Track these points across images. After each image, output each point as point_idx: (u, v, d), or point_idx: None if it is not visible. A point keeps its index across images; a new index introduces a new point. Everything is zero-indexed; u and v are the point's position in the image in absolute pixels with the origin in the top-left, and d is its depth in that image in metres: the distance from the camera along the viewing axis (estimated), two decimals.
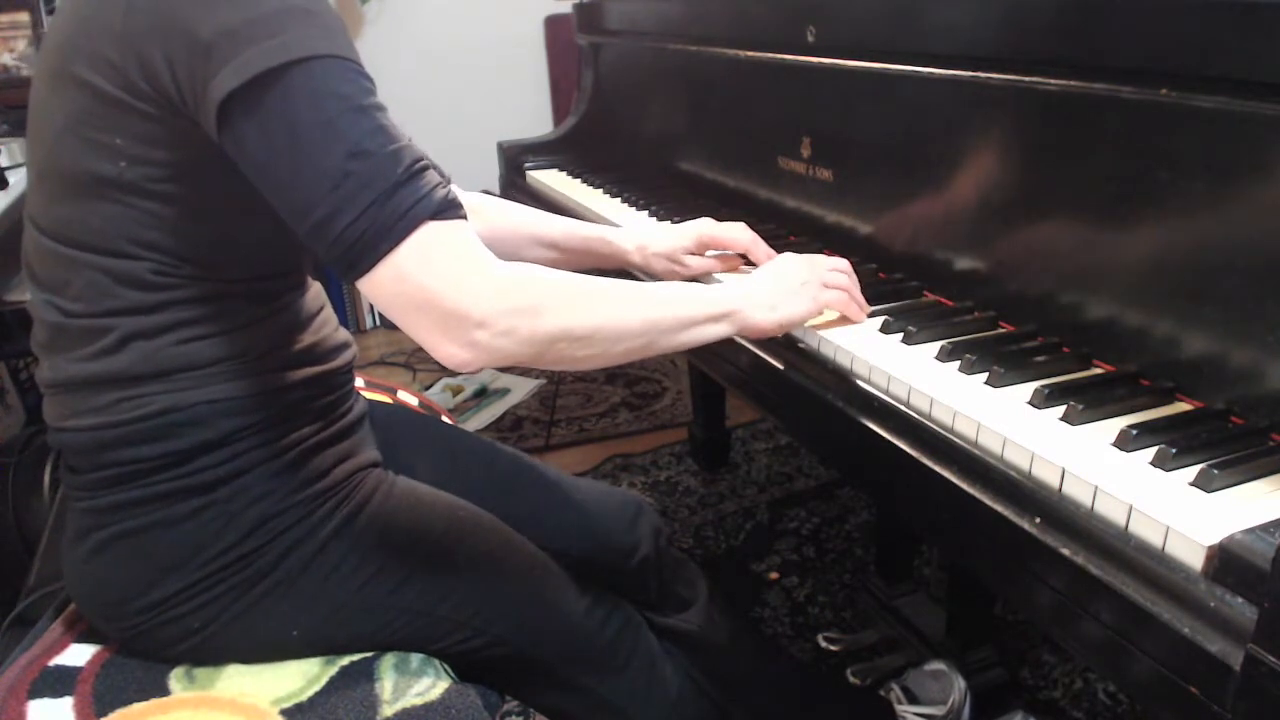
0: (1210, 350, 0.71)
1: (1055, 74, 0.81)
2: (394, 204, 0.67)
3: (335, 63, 0.67)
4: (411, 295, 0.68)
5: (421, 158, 0.70)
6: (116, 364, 0.75)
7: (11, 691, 0.79)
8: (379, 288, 0.68)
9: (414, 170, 0.69)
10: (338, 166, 0.66)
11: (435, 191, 0.69)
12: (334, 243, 0.67)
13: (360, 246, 0.67)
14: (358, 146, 0.66)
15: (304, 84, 0.65)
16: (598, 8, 1.69)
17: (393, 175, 0.67)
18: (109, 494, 0.77)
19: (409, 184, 0.68)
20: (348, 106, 0.67)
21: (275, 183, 0.68)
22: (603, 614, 0.95)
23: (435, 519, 0.88)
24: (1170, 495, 0.61)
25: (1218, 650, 0.52)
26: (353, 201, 0.66)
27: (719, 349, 1.06)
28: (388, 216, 0.67)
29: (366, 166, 0.66)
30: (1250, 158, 0.67)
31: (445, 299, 0.68)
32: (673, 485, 2.01)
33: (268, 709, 0.77)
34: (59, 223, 0.74)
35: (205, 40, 0.64)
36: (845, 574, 1.67)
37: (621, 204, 1.45)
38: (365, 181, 0.66)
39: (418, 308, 0.69)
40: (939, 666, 1.25)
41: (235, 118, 0.65)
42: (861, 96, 1.07)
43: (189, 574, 0.78)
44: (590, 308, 0.76)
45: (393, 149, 0.68)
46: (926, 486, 0.75)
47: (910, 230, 1.02)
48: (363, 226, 0.66)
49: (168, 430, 0.76)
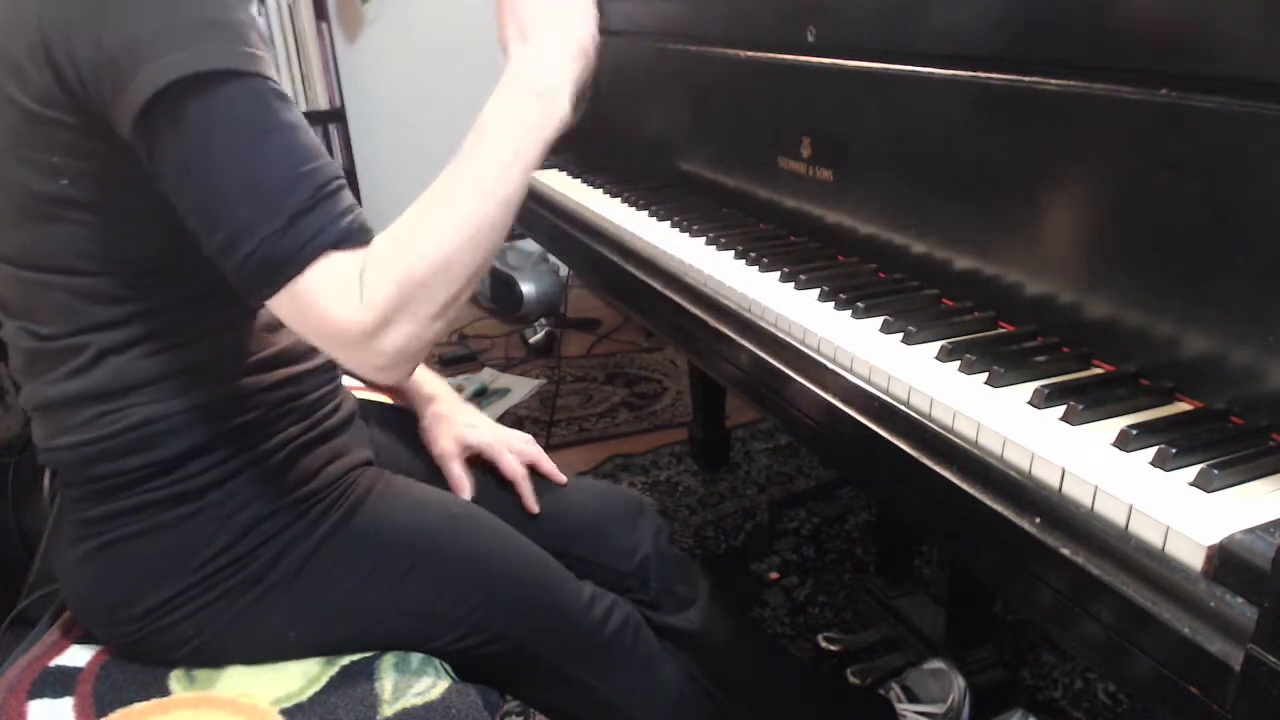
0: (1210, 350, 0.71)
1: (1055, 74, 0.81)
2: (297, 232, 0.65)
3: (249, 79, 0.65)
4: (314, 324, 0.67)
5: (333, 179, 0.68)
6: (93, 381, 0.75)
7: (12, 692, 0.79)
8: (281, 312, 0.68)
9: (322, 195, 0.66)
10: (243, 189, 0.64)
11: (341, 219, 0.67)
12: (236, 266, 0.66)
13: (261, 273, 0.65)
14: (266, 169, 0.65)
15: (215, 101, 0.63)
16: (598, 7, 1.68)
17: (297, 201, 0.65)
18: (99, 506, 0.77)
19: (315, 210, 0.66)
20: (259, 127, 0.65)
21: (183, 200, 0.66)
22: (602, 611, 0.94)
23: (431, 517, 0.88)
24: (1170, 495, 0.61)
25: (1218, 650, 0.52)
26: (255, 227, 0.64)
27: (719, 349, 1.06)
28: (289, 244, 0.65)
29: (273, 191, 0.65)
30: (1250, 158, 0.67)
31: (340, 324, 0.66)
32: (673, 485, 2.01)
33: (268, 709, 0.77)
34: (17, 248, 0.74)
35: (116, 50, 0.63)
36: (845, 574, 1.67)
37: (621, 204, 1.45)
38: (270, 207, 0.64)
39: (323, 335, 0.68)
40: (938, 665, 1.25)
41: (146, 131, 0.64)
42: (861, 96, 1.07)
43: (182, 579, 0.78)
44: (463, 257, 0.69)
45: (303, 171, 0.66)
46: (926, 486, 0.75)
47: (910, 230, 1.02)
48: (265, 253, 0.65)
49: (150, 441, 0.76)
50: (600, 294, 1.58)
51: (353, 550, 0.82)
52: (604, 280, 1.40)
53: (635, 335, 2.87)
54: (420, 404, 1.06)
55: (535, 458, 1.05)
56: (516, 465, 1.03)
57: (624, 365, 2.70)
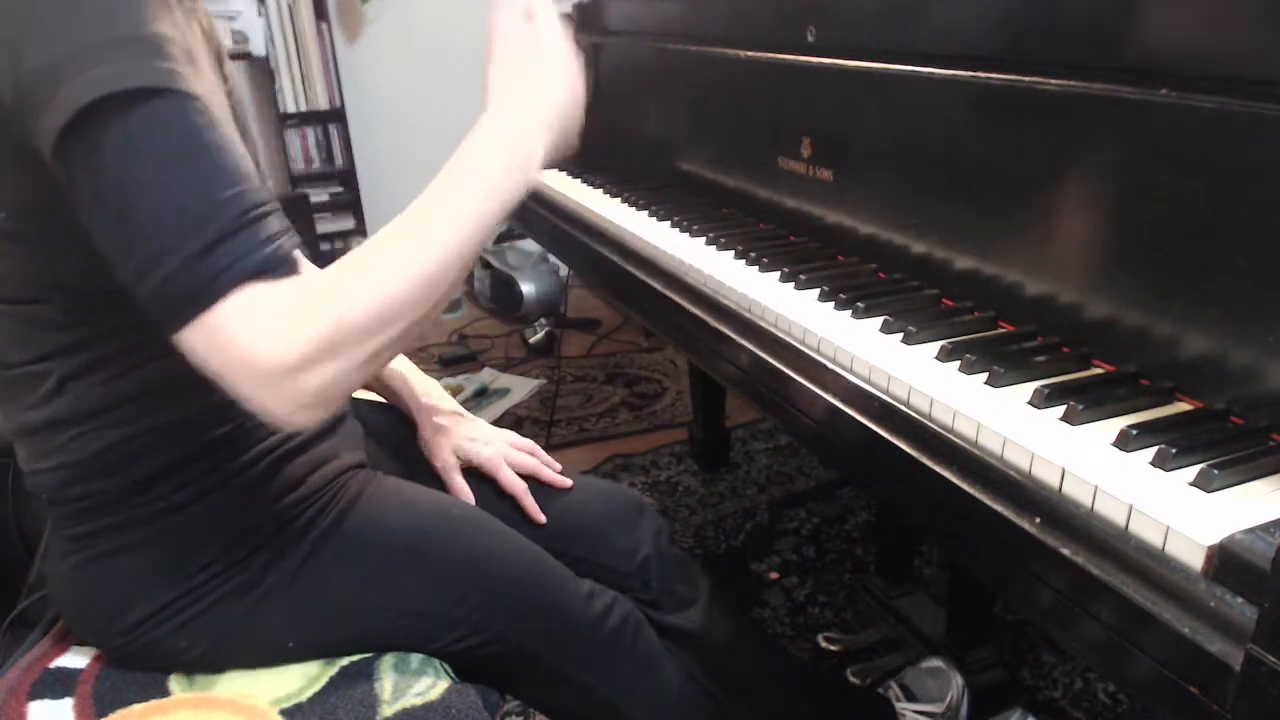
0: (1210, 350, 0.71)
1: (1055, 74, 0.81)
2: (214, 259, 0.61)
3: (171, 97, 0.62)
4: (229, 359, 0.62)
5: (257, 205, 0.64)
6: (60, 407, 0.74)
7: (12, 693, 0.79)
8: (191, 345, 0.63)
9: (245, 221, 0.63)
10: (158, 213, 0.61)
11: (263, 247, 0.63)
12: (149, 296, 0.62)
13: (173, 303, 0.62)
14: (184, 192, 0.62)
15: (133, 120, 0.60)
16: (598, 8, 1.69)
17: (216, 227, 0.61)
18: (83, 524, 0.77)
19: (236, 237, 0.62)
20: (179, 147, 0.62)
21: (97, 225, 0.63)
22: (602, 609, 0.94)
23: (428, 518, 0.88)
24: (1170, 495, 0.61)
25: (1218, 650, 0.52)
26: (169, 254, 0.61)
27: (719, 349, 1.06)
28: (204, 273, 0.61)
29: (190, 216, 0.61)
30: (1250, 158, 0.67)
31: (260, 358, 0.61)
32: (673, 485, 2.01)
33: (267, 709, 0.77)
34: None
35: (35, 71, 0.60)
36: (845, 574, 1.67)
37: (621, 204, 1.45)
38: (186, 232, 0.61)
39: (240, 371, 0.62)
40: (936, 664, 1.25)
41: (64, 153, 0.61)
42: (861, 96, 1.07)
43: (169, 591, 0.78)
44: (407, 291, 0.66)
45: (225, 196, 0.62)
46: (926, 486, 0.75)
47: (910, 230, 1.02)
48: (177, 281, 0.61)
49: (124, 462, 0.76)
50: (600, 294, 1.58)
51: (347, 555, 0.82)
52: (604, 280, 1.40)
53: (635, 335, 2.88)
54: (419, 413, 1.06)
55: (535, 469, 1.04)
56: (515, 481, 1.02)
57: (624, 365, 2.70)
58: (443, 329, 3.07)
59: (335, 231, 2.99)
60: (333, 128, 2.94)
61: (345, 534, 0.83)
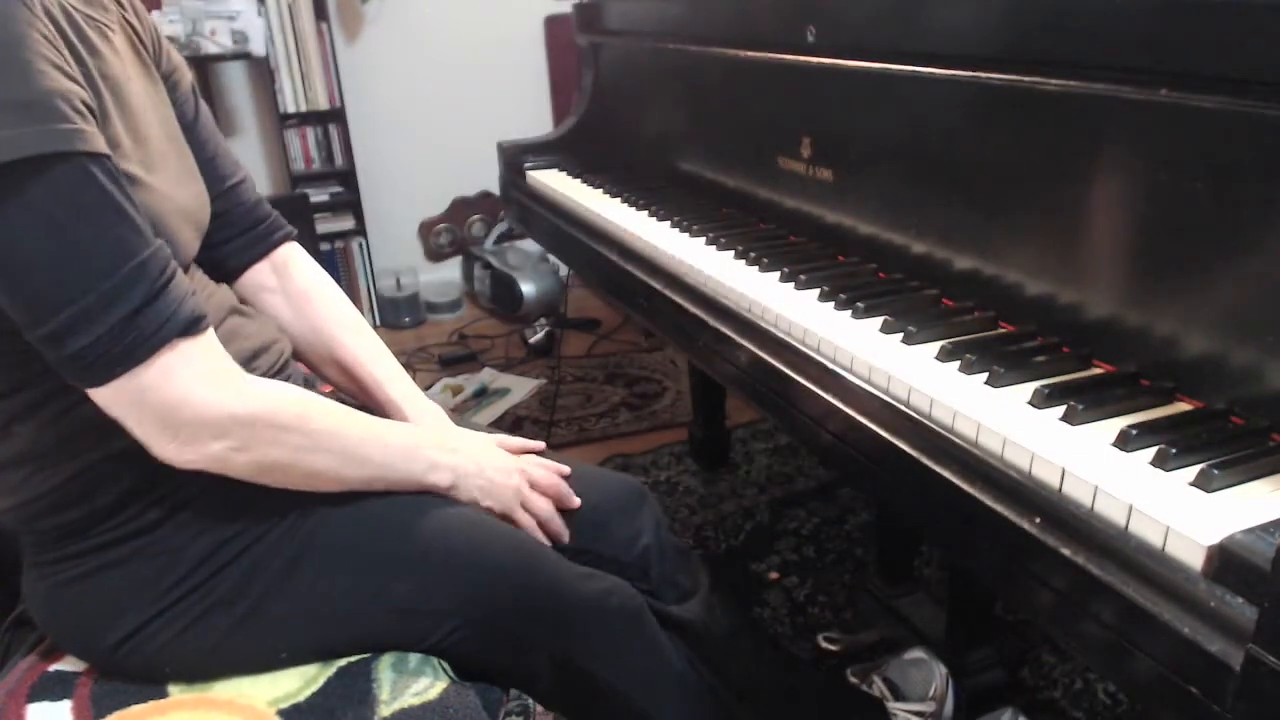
0: (1210, 350, 0.71)
1: (1055, 74, 0.81)
2: (141, 323, 0.64)
3: (69, 161, 0.61)
4: (152, 407, 0.67)
5: (167, 265, 0.67)
6: (9, 449, 0.74)
7: (11, 695, 0.79)
8: (112, 397, 0.66)
9: (161, 285, 0.66)
10: (70, 281, 0.62)
11: (183, 307, 0.67)
12: (68, 357, 0.64)
13: (100, 363, 0.64)
14: (97, 259, 0.63)
15: (28, 190, 0.60)
16: (598, 8, 1.69)
17: (138, 295, 0.64)
18: (51, 551, 0.78)
19: (157, 301, 0.65)
20: (83, 214, 0.62)
21: (3, 287, 0.63)
22: (602, 591, 0.91)
23: (409, 515, 0.87)
24: (1170, 495, 0.61)
25: (1218, 650, 0.52)
26: (92, 321, 0.63)
27: (719, 349, 1.06)
28: (134, 337, 0.64)
29: (107, 287, 0.63)
30: (1250, 158, 0.67)
31: (187, 411, 0.68)
32: (673, 485, 2.01)
33: (265, 709, 0.77)
34: None
35: None
36: (845, 574, 1.67)
37: (621, 204, 1.45)
38: (108, 301, 0.63)
39: (155, 417, 0.68)
40: (918, 655, 1.24)
41: None
42: (861, 96, 1.07)
43: (145, 610, 0.77)
44: (316, 459, 0.78)
45: (138, 263, 0.65)
46: (926, 486, 0.75)
47: (910, 230, 1.02)
48: (105, 345, 0.64)
49: (83, 493, 0.75)
50: (600, 294, 1.58)
51: (330, 560, 0.81)
52: (604, 280, 1.40)
53: (635, 335, 2.87)
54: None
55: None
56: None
57: (624, 365, 2.70)
58: (443, 329, 3.07)
59: (335, 231, 2.98)
60: (333, 128, 2.94)
61: (325, 542, 0.82)
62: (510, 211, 1.89)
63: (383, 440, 0.84)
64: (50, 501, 0.75)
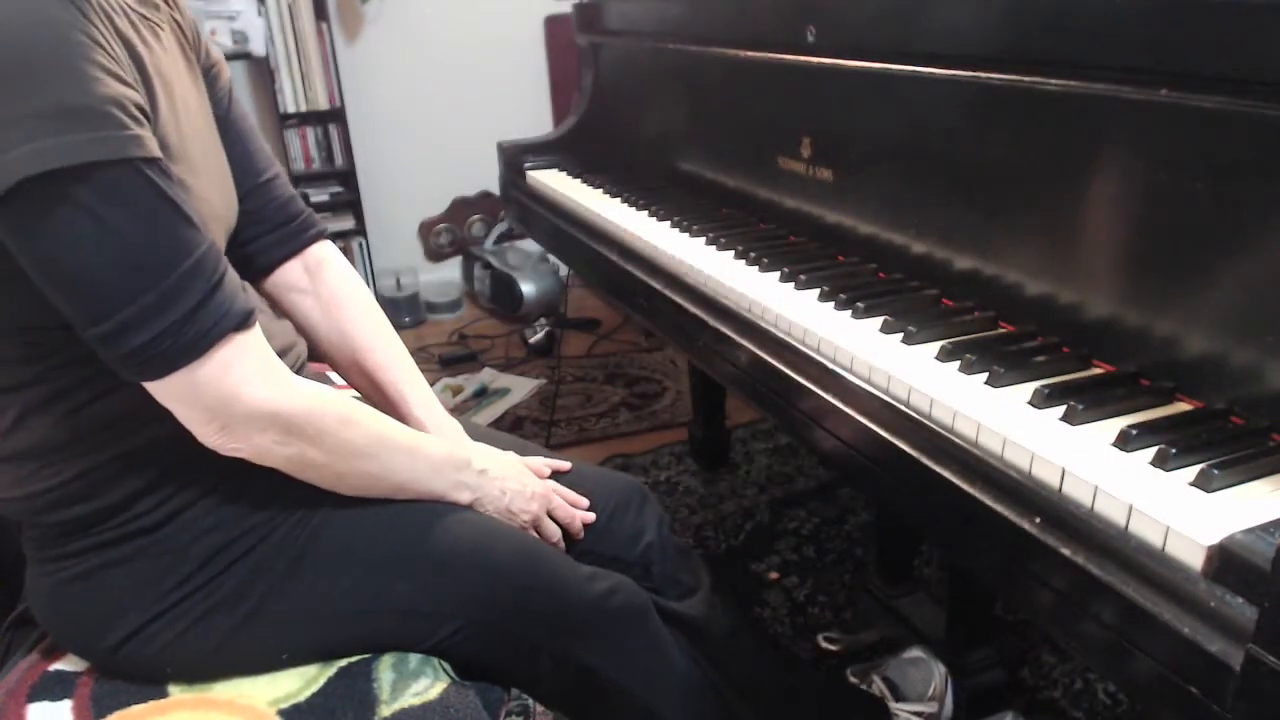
0: (1210, 350, 0.71)
1: (1055, 74, 0.81)
2: (198, 321, 0.66)
3: (118, 168, 0.62)
4: (205, 399, 0.69)
5: (219, 262, 0.69)
6: (22, 441, 0.75)
7: (11, 695, 0.79)
8: (167, 390, 0.68)
9: (215, 283, 0.68)
10: (131, 283, 0.64)
11: (237, 301, 0.69)
12: (128, 353, 0.65)
13: (160, 359, 0.66)
14: (151, 259, 0.64)
15: (85, 194, 0.61)
16: (598, 8, 1.69)
17: (195, 294, 0.66)
18: (56, 546, 0.78)
19: (214, 296, 0.67)
20: (134, 218, 0.63)
21: (54, 290, 0.65)
22: (605, 590, 0.91)
23: (415, 516, 0.87)
24: (1170, 495, 0.61)
25: (1218, 650, 0.52)
26: (150, 319, 0.64)
27: (719, 349, 1.06)
28: (192, 334, 0.66)
29: (167, 285, 0.65)
30: (1250, 158, 0.67)
31: (239, 405, 0.70)
32: (673, 485, 2.01)
33: (265, 709, 0.77)
34: None
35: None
36: (845, 574, 1.67)
37: (621, 204, 1.45)
38: (166, 300, 0.65)
39: (206, 408, 0.70)
40: (917, 654, 1.24)
41: (6, 223, 0.62)
42: (861, 96, 1.07)
43: (148, 609, 0.77)
44: (350, 463, 0.80)
45: (195, 260, 0.66)
46: (926, 486, 0.75)
47: (910, 230, 1.02)
48: (166, 342, 0.65)
49: (91, 490, 0.76)
50: (600, 294, 1.58)
51: (332, 561, 0.81)
52: (604, 280, 1.40)
53: (635, 335, 2.87)
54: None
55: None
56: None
57: (624, 365, 2.70)
58: (443, 329, 3.07)
59: (335, 231, 2.98)
60: (333, 128, 2.94)
61: (327, 543, 0.82)
62: (510, 211, 1.89)
63: (415, 454, 0.86)
64: (57, 496, 0.75)
